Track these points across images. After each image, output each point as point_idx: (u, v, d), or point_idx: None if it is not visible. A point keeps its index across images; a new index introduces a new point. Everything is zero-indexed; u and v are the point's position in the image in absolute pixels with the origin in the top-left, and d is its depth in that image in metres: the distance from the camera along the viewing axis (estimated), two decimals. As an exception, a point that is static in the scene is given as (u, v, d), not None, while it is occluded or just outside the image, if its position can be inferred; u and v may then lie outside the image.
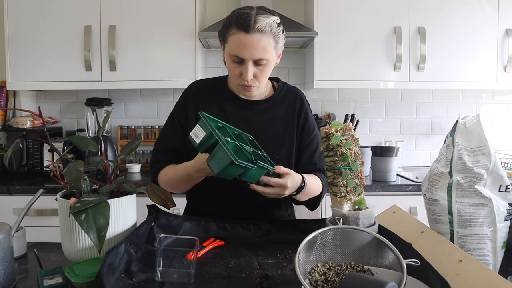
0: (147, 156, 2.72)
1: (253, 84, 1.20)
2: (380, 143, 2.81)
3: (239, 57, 1.15)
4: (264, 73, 1.19)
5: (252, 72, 1.16)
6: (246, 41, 1.12)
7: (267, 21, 1.13)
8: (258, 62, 1.16)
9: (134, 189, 1.00)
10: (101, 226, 0.86)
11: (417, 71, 2.38)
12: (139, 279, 0.84)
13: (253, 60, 1.15)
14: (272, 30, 1.14)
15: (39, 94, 2.74)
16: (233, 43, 1.15)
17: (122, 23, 2.33)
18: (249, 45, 1.12)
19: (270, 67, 1.20)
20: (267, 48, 1.14)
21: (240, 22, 1.12)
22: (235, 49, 1.14)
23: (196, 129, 1.04)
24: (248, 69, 1.15)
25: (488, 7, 2.37)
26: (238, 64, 1.17)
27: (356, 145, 0.97)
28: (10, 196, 2.12)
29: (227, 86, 1.32)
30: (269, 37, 1.14)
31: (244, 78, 1.17)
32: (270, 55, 1.16)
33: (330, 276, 0.75)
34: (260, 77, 1.19)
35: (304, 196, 1.25)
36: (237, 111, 1.29)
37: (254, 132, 1.24)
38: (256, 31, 1.12)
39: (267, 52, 1.15)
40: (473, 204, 0.91)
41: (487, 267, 0.79)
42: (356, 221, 0.92)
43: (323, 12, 2.35)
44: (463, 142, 0.94)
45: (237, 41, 1.13)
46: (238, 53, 1.14)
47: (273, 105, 1.31)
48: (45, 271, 0.87)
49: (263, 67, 1.18)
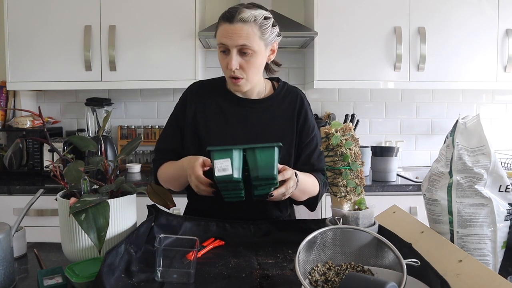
0: (147, 156, 2.72)
1: (240, 76, 1.19)
2: (380, 143, 2.81)
3: (224, 45, 1.17)
4: (250, 64, 1.18)
5: (236, 61, 1.16)
6: (229, 29, 1.15)
7: (251, 12, 1.15)
8: (243, 51, 1.16)
9: (134, 189, 1.00)
10: (101, 226, 0.86)
11: (417, 71, 2.38)
12: (139, 279, 0.84)
13: (238, 49, 1.16)
14: (256, 20, 1.15)
15: (39, 94, 2.74)
16: (219, 33, 1.18)
17: (122, 23, 2.33)
18: (231, 33, 1.14)
19: (257, 59, 1.19)
20: (251, 37, 1.15)
21: (226, 15, 1.17)
22: (220, 38, 1.17)
23: (217, 166, 0.98)
24: (232, 57, 1.16)
25: (488, 7, 2.37)
26: (225, 56, 1.19)
27: (356, 145, 0.97)
28: (10, 196, 2.12)
29: (226, 86, 1.32)
30: (253, 27, 1.15)
31: (228, 67, 1.17)
32: (255, 45, 1.16)
33: (330, 276, 0.75)
34: (247, 68, 1.18)
35: (301, 194, 1.24)
36: (236, 109, 1.28)
37: (253, 131, 1.24)
38: (239, 21, 1.14)
39: (251, 40, 1.15)
40: (473, 204, 0.91)
41: (487, 267, 0.79)
42: (356, 221, 0.92)
43: (323, 12, 2.35)
44: (463, 142, 0.94)
45: (222, 30, 1.17)
46: (222, 40, 1.17)
47: (272, 104, 1.30)
48: (45, 271, 0.87)
49: (249, 58, 1.17)
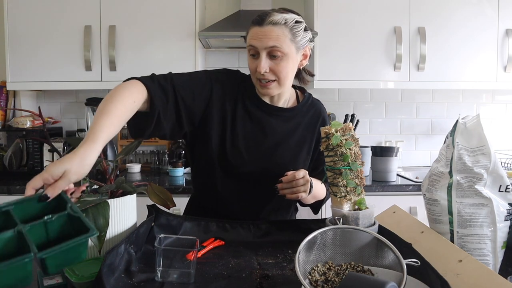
0: (147, 156, 2.72)
1: (270, 78, 1.14)
2: (380, 143, 2.81)
3: (253, 47, 1.13)
4: (281, 67, 1.13)
5: (266, 63, 1.12)
6: (259, 32, 1.11)
7: (282, 15, 1.11)
8: (273, 53, 1.12)
9: (134, 189, 1.00)
10: (101, 226, 0.86)
11: (417, 71, 2.38)
12: (139, 279, 0.84)
13: (267, 52, 1.12)
14: (287, 23, 1.11)
15: (39, 94, 2.74)
16: (249, 37, 1.15)
17: (122, 23, 2.33)
18: (261, 35, 1.11)
19: (288, 63, 1.14)
20: (281, 38, 1.11)
21: (256, 19, 1.14)
22: (249, 40, 1.14)
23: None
24: (261, 59, 1.12)
25: (488, 7, 2.37)
26: (254, 59, 1.15)
27: (356, 145, 0.97)
28: (10, 196, 2.11)
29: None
30: (284, 29, 1.11)
31: (258, 70, 1.13)
32: (286, 47, 1.12)
33: (330, 276, 0.75)
34: (277, 71, 1.14)
35: (311, 198, 1.23)
36: (262, 116, 1.23)
37: (275, 139, 1.23)
38: (269, 23, 1.11)
39: (281, 42, 1.11)
40: (473, 204, 0.91)
41: (487, 267, 0.79)
42: (356, 221, 0.92)
43: (323, 12, 2.35)
44: (463, 142, 0.94)
45: (252, 33, 1.13)
46: (251, 43, 1.13)
47: (297, 114, 1.28)
48: (45, 271, 0.86)
49: (279, 61, 1.13)
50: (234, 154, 1.20)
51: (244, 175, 1.22)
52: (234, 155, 1.20)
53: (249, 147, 1.21)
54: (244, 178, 1.22)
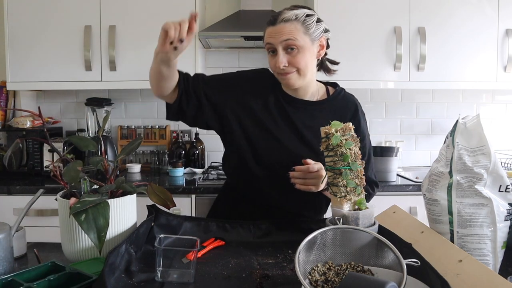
0: (147, 156, 2.72)
1: (289, 71, 1.21)
2: (380, 143, 2.81)
3: (270, 45, 1.21)
4: (298, 58, 1.19)
5: (284, 58, 1.19)
6: (273, 31, 1.19)
7: (293, 11, 1.18)
8: (289, 47, 1.18)
9: (134, 189, 1.00)
10: (101, 226, 0.86)
11: (417, 71, 2.38)
12: (139, 279, 0.84)
13: (283, 47, 1.18)
14: (298, 18, 1.18)
15: (39, 94, 2.74)
16: (265, 37, 1.23)
17: (122, 23, 2.33)
18: (275, 33, 1.19)
19: (305, 54, 1.20)
20: (294, 32, 1.17)
21: (270, 19, 1.22)
22: (266, 39, 1.22)
23: None
24: (279, 54, 1.19)
25: (488, 7, 2.37)
26: (273, 56, 1.22)
27: (356, 145, 0.97)
28: (10, 196, 2.11)
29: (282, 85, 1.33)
30: (295, 24, 1.18)
31: (276, 65, 1.20)
32: (300, 39, 1.18)
33: (330, 276, 0.75)
34: (295, 62, 1.20)
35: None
36: (288, 108, 1.29)
37: (299, 132, 1.27)
38: (281, 21, 1.18)
39: (295, 35, 1.17)
40: (473, 204, 0.91)
41: (487, 267, 0.79)
42: (356, 221, 0.92)
43: (323, 12, 2.35)
44: (463, 142, 0.94)
45: (267, 33, 1.22)
46: (267, 40, 1.21)
47: (325, 107, 1.31)
48: (45, 271, 0.87)
49: (296, 53, 1.19)
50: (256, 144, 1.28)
51: (270, 165, 1.27)
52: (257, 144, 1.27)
53: (271, 138, 1.27)
54: (271, 168, 1.27)
